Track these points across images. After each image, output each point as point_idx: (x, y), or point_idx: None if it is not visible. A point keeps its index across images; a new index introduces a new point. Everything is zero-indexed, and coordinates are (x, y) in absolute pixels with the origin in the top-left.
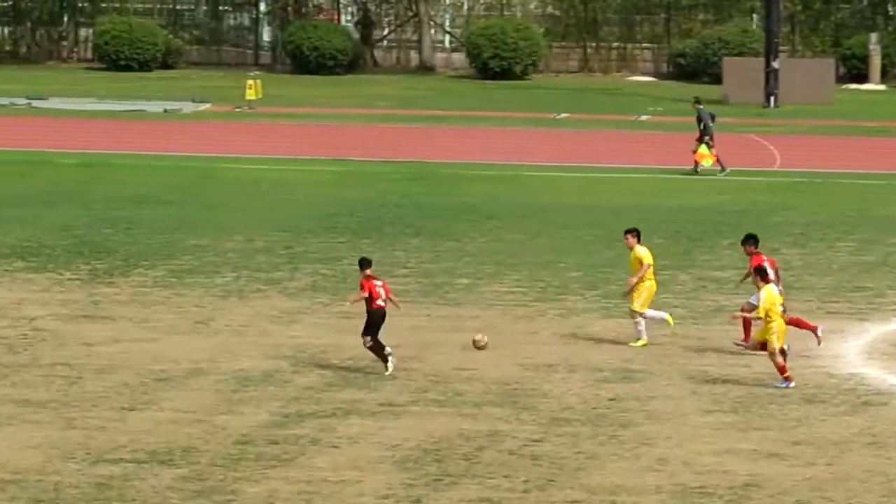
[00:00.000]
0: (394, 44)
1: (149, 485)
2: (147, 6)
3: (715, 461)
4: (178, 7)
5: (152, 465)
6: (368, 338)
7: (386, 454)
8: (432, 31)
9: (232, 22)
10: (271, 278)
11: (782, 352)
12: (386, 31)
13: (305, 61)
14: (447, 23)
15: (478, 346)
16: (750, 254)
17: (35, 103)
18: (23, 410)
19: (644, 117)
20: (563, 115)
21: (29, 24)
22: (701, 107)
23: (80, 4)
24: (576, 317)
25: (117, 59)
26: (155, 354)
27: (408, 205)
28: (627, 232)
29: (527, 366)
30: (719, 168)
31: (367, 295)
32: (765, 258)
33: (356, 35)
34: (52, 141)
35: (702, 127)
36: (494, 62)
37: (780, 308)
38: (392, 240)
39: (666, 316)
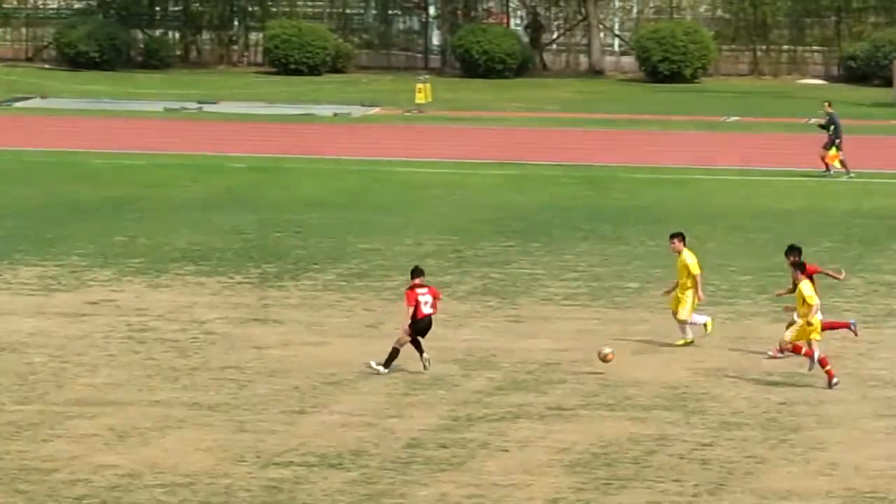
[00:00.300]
0: (563, 47)
1: (318, 488)
2: (317, 10)
3: (887, 465)
4: (347, 11)
5: (322, 468)
6: (407, 337)
7: (555, 458)
8: (601, 34)
9: (401, 26)
10: (441, 282)
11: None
12: (555, 35)
13: (475, 65)
14: (616, 26)
15: (603, 360)
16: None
17: (206, 107)
18: (194, 414)
19: (813, 120)
20: (733, 118)
21: (200, 29)
22: (832, 110)
23: (250, 9)
24: (745, 321)
25: (287, 63)
26: (325, 358)
27: (577, 208)
28: (673, 236)
29: (696, 370)
30: (844, 171)
31: (412, 308)
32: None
33: (525, 39)
34: (222, 145)
35: (832, 130)
36: (664, 65)
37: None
38: (561, 243)
39: (707, 320)
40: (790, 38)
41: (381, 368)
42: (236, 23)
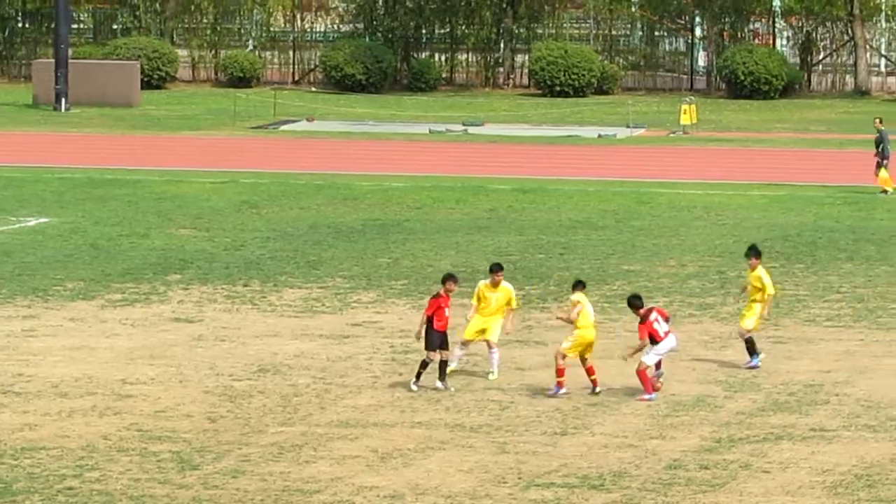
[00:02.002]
0: (829, 68)
1: None
2: (583, 32)
3: None
4: (613, 33)
5: (583, 489)
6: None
7: (817, 479)
8: (868, 54)
9: (667, 47)
10: (704, 303)
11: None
12: (821, 56)
13: (740, 86)
14: (883, 46)
15: None
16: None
17: (471, 129)
18: (456, 435)
19: None
20: None
21: (465, 51)
22: (883, 127)
23: (516, 31)
24: None
25: (552, 84)
26: (587, 380)
27: (841, 229)
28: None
29: None
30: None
31: (427, 316)
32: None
33: (791, 59)
34: (487, 167)
35: (881, 149)
36: None
37: None
38: (825, 265)
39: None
40: None
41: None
42: (502, 45)
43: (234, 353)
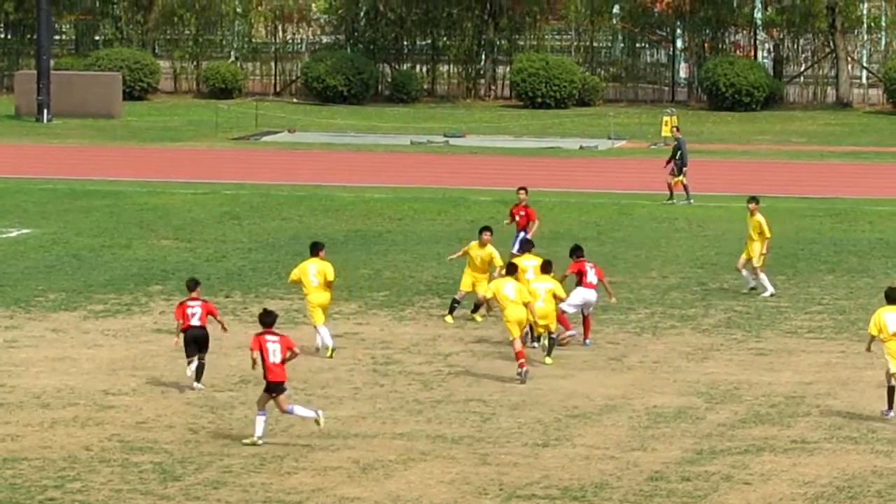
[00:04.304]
0: (810, 79)
1: None
2: (564, 44)
3: None
4: (594, 44)
5: (564, 500)
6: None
7: (798, 491)
8: (849, 66)
9: (648, 59)
10: (685, 315)
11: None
12: (803, 67)
13: (721, 97)
14: (864, 58)
15: None
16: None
17: (452, 141)
18: (437, 446)
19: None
20: None
21: (447, 63)
22: (680, 136)
23: (497, 42)
24: None
25: (534, 96)
26: (568, 391)
27: (823, 241)
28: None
29: None
30: (685, 194)
31: (179, 320)
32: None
33: (771, 71)
34: (468, 178)
35: (678, 156)
36: None
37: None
38: (806, 276)
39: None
40: None
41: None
42: (483, 56)
43: (216, 364)
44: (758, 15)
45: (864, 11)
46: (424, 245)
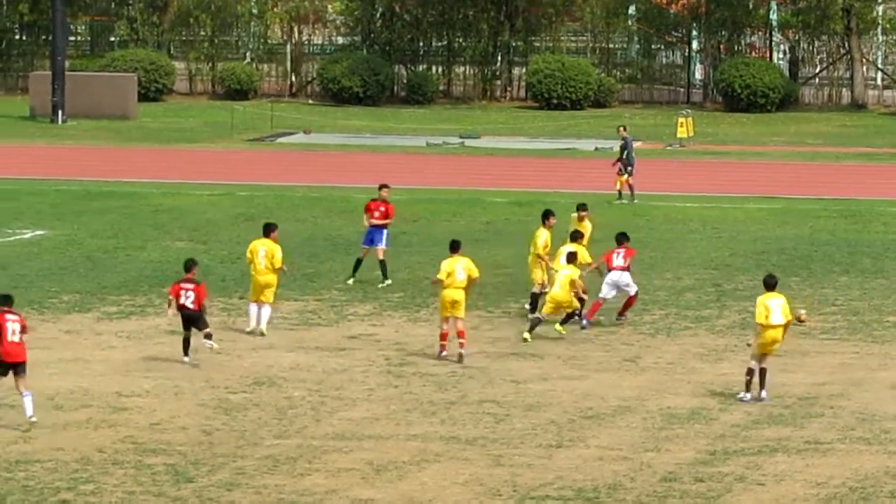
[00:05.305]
0: (825, 81)
1: None
2: (580, 45)
3: None
4: (610, 46)
5: (578, 501)
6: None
7: (811, 492)
8: (864, 68)
9: (664, 60)
10: (699, 316)
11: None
12: (818, 69)
13: (737, 99)
14: (879, 60)
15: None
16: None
17: (468, 142)
18: (451, 448)
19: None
20: None
21: (463, 64)
22: (627, 135)
23: (513, 44)
24: None
25: (549, 97)
26: (583, 392)
27: (837, 242)
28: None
29: None
30: (630, 194)
31: (172, 297)
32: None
33: (787, 73)
34: (484, 179)
35: (625, 156)
36: None
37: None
38: (820, 277)
39: None
40: None
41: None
42: (499, 58)
43: (230, 366)
44: (773, 16)
45: (880, 13)
46: (439, 246)
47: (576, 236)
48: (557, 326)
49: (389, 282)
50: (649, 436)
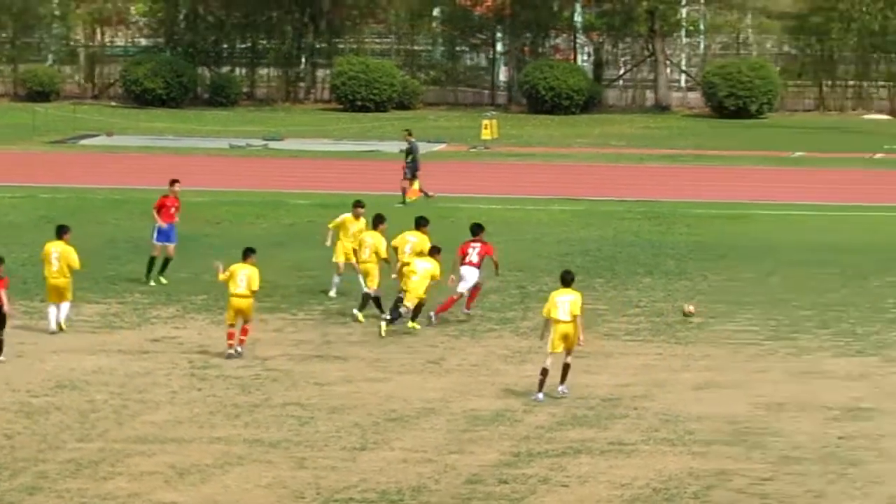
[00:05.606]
0: (629, 83)
1: None
2: (384, 47)
3: None
4: (415, 48)
5: None
6: None
7: (615, 493)
8: (668, 70)
9: (468, 62)
10: (504, 318)
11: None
12: (622, 71)
13: (541, 101)
14: (683, 62)
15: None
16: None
17: (271, 144)
18: (254, 451)
19: (879, 155)
20: (798, 153)
21: (266, 66)
22: (413, 139)
23: (317, 45)
24: (807, 355)
25: (354, 99)
26: (387, 394)
27: (641, 244)
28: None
29: (757, 404)
30: (423, 195)
31: None
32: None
33: (591, 75)
34: (287, 182)
35: (410, 160)
36: (730, 101)
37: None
38: (624, 279)
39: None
40: (856, 74)
41: None
42: (303, 59)
43: (31, 369)
44: (578, 19)
45: (684, 15)
46: (242, 248)
47: (420, 223)
48: (410, 323)
49: (165, 282)
50: (453, 438)
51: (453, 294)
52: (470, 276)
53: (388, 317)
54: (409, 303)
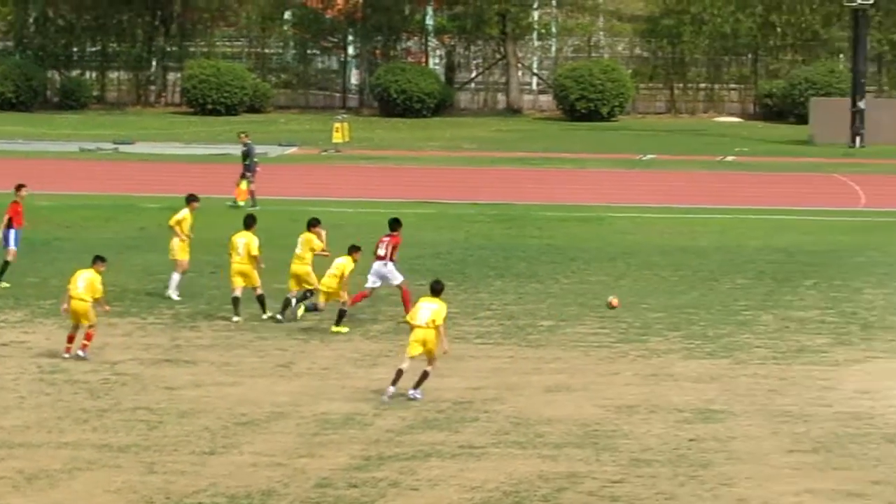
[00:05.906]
0: (481, 86)
1: None
2: (235, 50)
3: (795, 501)
4: (265, 51)
5: None
6: None
7: (465, 496)
8: (520, 73)
9: (320, 65)
10: (354, 321)
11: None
12: (474, 74)
13: (393, 104)
14: (535, 65)
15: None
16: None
17: (122, 148)
18: (103, 455)
19: (730, 158)
20: (650, 156)
21: (117, 69)
22: (249, 141)
23: (168, 49)
24: (657, 358)
25: (204, 103)
26: (236, 398)
27: (492, 247)
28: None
29: (607, 407)
30: (251, 200)
31: None
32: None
33: (443, 78)
34: (137, 185)
35: (247, 162)
36: (581, 104)
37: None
38: (476, 282)
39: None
40: (707, 76)
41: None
42: (154, 63)
43: None
44: (429, 22)
45: (535, 18)
46: (92, 252)
47: (313, 223)
48: (334, 328)
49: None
50: (303, 441)
51: (364, 289)
52: (377, 269)
53: (279, 316)
54: (321, 300)
